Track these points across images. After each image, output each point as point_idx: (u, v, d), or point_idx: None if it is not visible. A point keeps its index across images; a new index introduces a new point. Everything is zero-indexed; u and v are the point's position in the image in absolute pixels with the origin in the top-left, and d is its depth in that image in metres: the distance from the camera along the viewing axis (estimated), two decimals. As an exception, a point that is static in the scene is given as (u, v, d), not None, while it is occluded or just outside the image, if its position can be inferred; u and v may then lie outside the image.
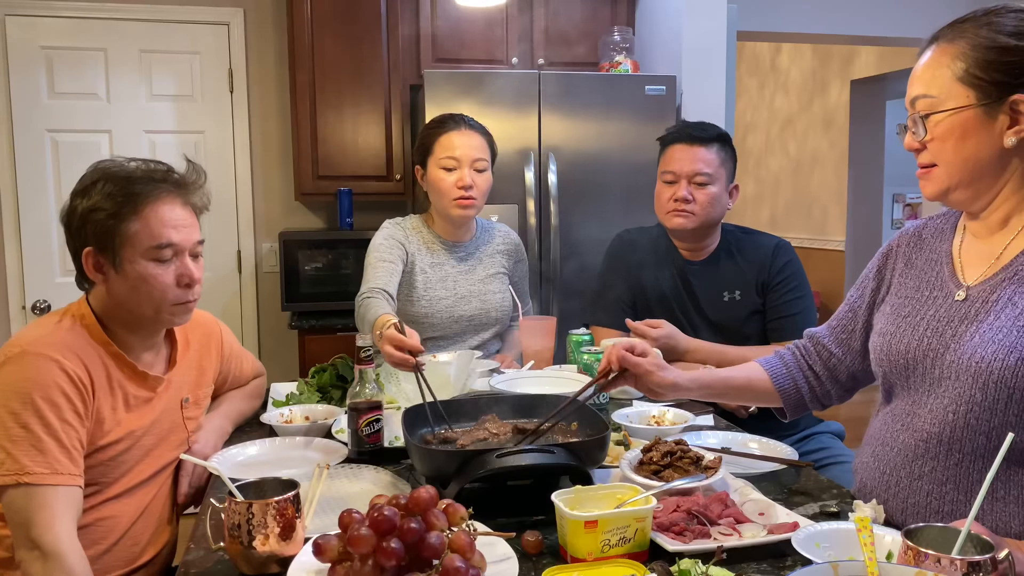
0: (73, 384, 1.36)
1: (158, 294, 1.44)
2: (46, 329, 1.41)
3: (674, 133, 2.22)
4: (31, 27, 3.50)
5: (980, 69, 1.17)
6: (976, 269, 1.27)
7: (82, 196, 1.43)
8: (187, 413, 1.61)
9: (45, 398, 1.33)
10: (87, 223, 1.41)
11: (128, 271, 1.42)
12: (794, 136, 7.16)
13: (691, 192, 2.14)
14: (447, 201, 2.19)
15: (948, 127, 1.20)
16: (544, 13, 3.62)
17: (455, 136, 2.18)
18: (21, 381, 1.33)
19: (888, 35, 4.37)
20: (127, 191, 1.41)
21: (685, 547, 1.12)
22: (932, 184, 1.25)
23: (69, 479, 1.33)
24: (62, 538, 1.29)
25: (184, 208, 1.48)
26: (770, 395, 1.58)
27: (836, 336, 1.52)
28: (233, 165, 3.77)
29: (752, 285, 2.19)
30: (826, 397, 1.55)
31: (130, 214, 1.40)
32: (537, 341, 2.13)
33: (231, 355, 1.80)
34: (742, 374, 1.60)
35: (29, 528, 1.28)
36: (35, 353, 1.35)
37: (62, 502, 1.31)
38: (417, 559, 0.99)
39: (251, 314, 3.85)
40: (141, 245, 1.42)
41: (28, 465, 1.29)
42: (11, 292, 3.57)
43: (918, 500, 1.25)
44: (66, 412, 1.34)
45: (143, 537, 1.53)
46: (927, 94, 1.21)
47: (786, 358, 1.58)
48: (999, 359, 1.15)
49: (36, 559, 1.27)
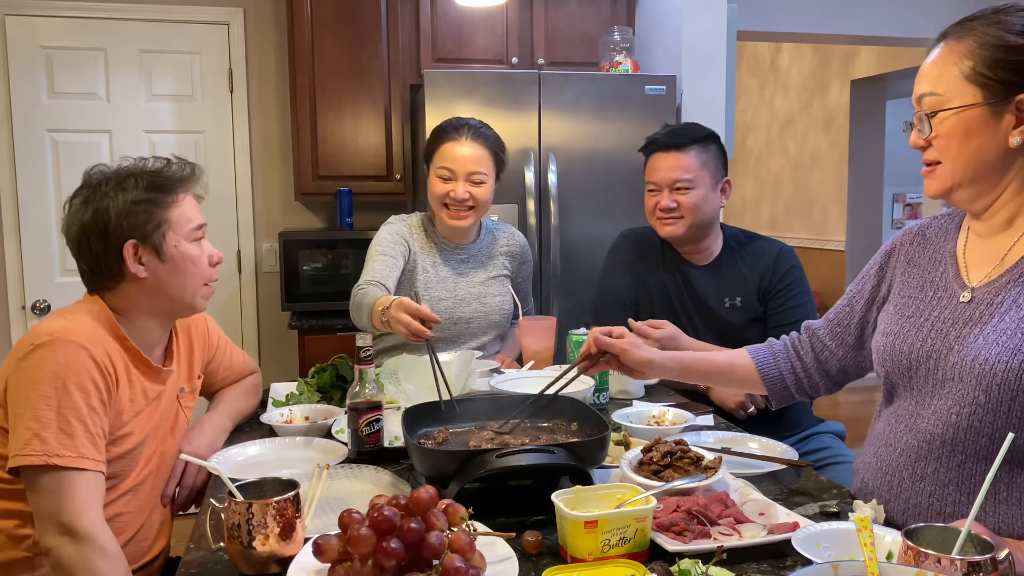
0: (101, 373, 1.39)
1: (200, 272, 1.55)
2: (70, 320, 1.43)
3: (651, 143, 2.22)
4: (31, 27, 3.50)
5: (987, 67, 1.16)
6: (981, 270, 1.26)
7: (109, 196, 1.46)
8: (184, 403, 1.65)
9: (76, 384, 1.35)
10: (129, 216, 1.46)
11: (174, 255, 1.50)
12: (794, 136, 7.16)
13: (674, 200, 2.15)
14: (440, 209, 2.21)
15: (953, 125, 1.20)
16: (544, 13, 3.62)
17: (455, 147, 2.18)
18: (53, 366, 1.35)
19: (888, 35, 4.37)
20: (159, 182, 1.50)
21: (685, 547, 1.12)
22: (936, 182, 1.25)
23: (95, 464, 1.35)
24: (95, 521, 1.31)
25: (193, 196, 1.57)
26: (753, 382, 1.58)
27: (831, 329, 1.52)
28: (233, 165, 3.77)
29: (754, 292, 2.18)
30: (813, 389, 1.55)
31: (171, 202, 1.51)
32: (537, 341, 2.13)
33: (219, 344, 1.82)
34: (725, 358, 1.61)
35: (59, 512, 1.29)
36: (66, 341, 1.37)
37: (89, 487, 1.33)
38: (417, 559, 0.99)
39: (251, 314, 3.85)
40: (183, 228, 1.52)
41: (56, 447, 1.31)
42: (11, 292, 3.57)
43: (920, 501, 1.25)
44: (93, 399, 1.37)
45: (150, 533, 1.55)
46: (933, 91, 1.21)
47: (775, 347, 1.59)
48: (1003, 361, 1.15)
49: (68, 543, 1.28)
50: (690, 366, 1.61)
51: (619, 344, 1.54)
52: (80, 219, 1.47)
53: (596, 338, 1.56)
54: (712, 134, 2.21)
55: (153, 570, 1.56)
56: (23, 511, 1.40)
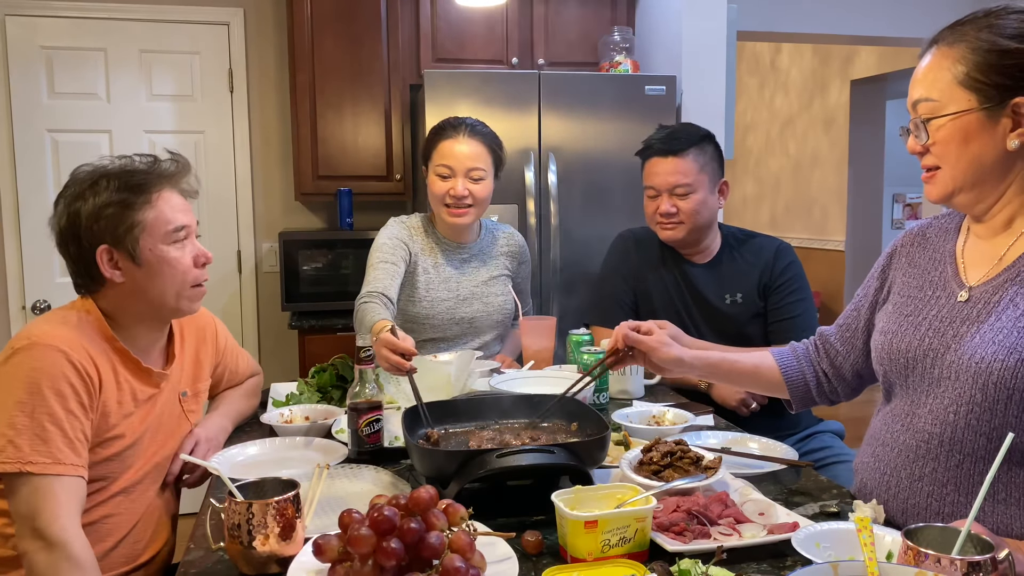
0: (80, 376, 1.37)
1: (180, 276, 1.50)
2: (54, 323, 1.42)
3: (649, 146, 2.21)
4: (31, 27, 3.50)
5: (981, 72, 1.16)
6: (979, 270, 1.27)
7: (83, 198, 1.44)
8: (186, 406, 1.63)
9: (52, 388, 1.34)
10: (99, 220, 1.43)
11: (149, 259, 1.46)
12: (794, 136, 7.16)
13: (674, 204, 2.15)
14: (440, 207, 2.20)
15: (950, 131, 1.20)
16: (544, 13, 3.62)
17: (452, 144, 2.18)
18: (29, 371, 1.34)
19: (888, 35, 4.37)
20: (132, 183, 1.45)
21: (685, 547, 1.12)
22: (937, 188, 1.25)
23: (72, 469, 1.34)
24: (67, 528, 1.29)
25: (180, 194, 1.53)
26: (776, 385, 1.57)
27: (841, 334, 1.52)
28: (233, 165, 3.76)
29: (754, 287, 2.19)
30: (833, 394, 1.55)
31: (143, 203, 1.45)
32: (537, 341, 2.13)
33: (227, 349, 1.81)
34: (750, 360, 1.60)
35: (34, 518, 1.29)
36: (44, 344, 1.36)
37: (66, 492, 1.32)
38: (417, 559, 0.99)
39: (251, 314, 3.85)
40: (158, 231, 1.47)
41: (30, 454, 1.30)
42: (11, 292, 3.57)
43: (918, 501, 1.25)
44: (71, 403, 1.36)
45: (145, 535, 1.54)
46: (928, 97, 1.21)
47: (799, 351, 1.59)
48: (999, 360, 1.15)
49: (40, 549, 1.27)
50: (717, 366, 1.59)
51: (648, 341, 1.52)
52: (59, 223, 1.46)
53: (625, 334, 1.53)
54: (708, 135, 2.21)
55: (152, 570, 1.56)
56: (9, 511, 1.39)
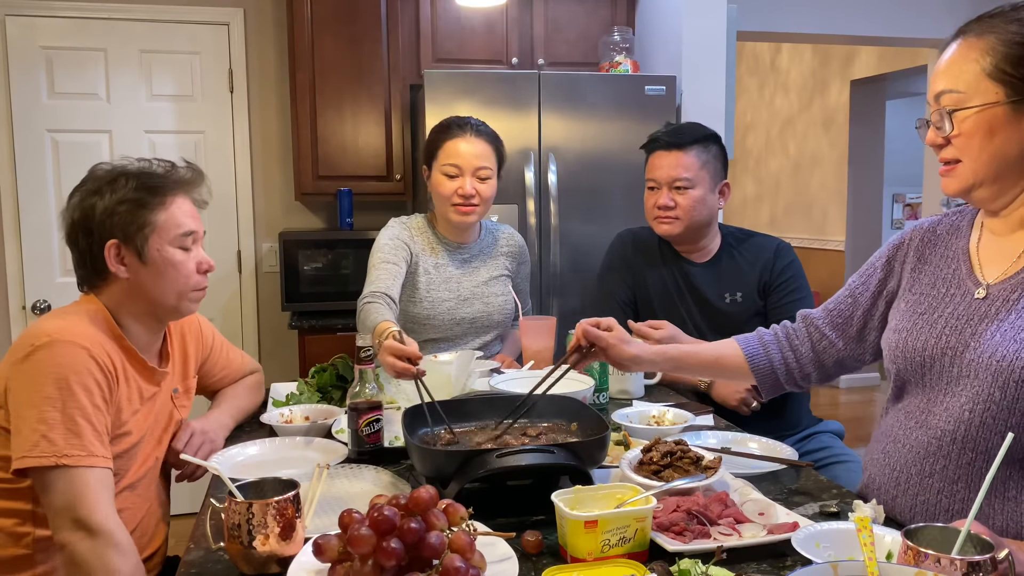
0: (102, 371, 1.40)
1: (183, 280, 1.52)
2: (68, 320, 1.44)
3: (653, 140, 2.22)
4: (31, 27, 3.50)
5: (1010, 65, 1.15)
6: (996, 267, 1.26)
7: (99, 194, 1.47)
8: (178, 402, 1.65)
9: (79, 383, 1.36)
10: (113, 215, 1.46)
11: (155, 259, 1.49)
12: (794, 136, 7.16)
13: (673, 198, 2.15)
14: (447, 206, 2.20)
15: (976, 123, 1.18)
16: (544, 13, 3.62)
17: (460, 143, 2.18)
18: (55, 367, 1.35)
19: (888, 35, 4.37)
20: (149, 184, 1.49)
21: (685, 547, 1.12)
22: (956, 181, 1.24)
23: (103, 461, 1.36)
24: (109, 516, 1.32)
25: (192, 202, 1.57)
26: (742, 373, 1.57)
27: (832, 319, 1.50)
28: (233, 165, 3.77)
29: (754, 287, 2.19)
30: (804, 379, 1.54)
31: (157, 205, 1.49)
32: (537, 341, 2.13)
33: (214, 343, 1.82)
34: (712, 350, 1.60)
35: (74, 509, 1.30)
36: (65, 341, 1.38)
37: (100, 483, 1.34)
38: (417, 559, 0.99)
39: (251, 314, 3.85)
40: (168, 233, 1.50)
41: (65, 447, 1.32)
42: (11, 292, 3.57)
43: (928, 498, 1.25)
44: (97, 398, 1.38)
45: (148, 529, 1.56)
46: (953, 89, 1.20)
47: (765, 338, 1.58)
48: (1021, 357, 1.15)
49: (83, 539, 1.29)
50: (678, 359, 1.59)
51: (606, 338, 1.52)
52: (72, 215, 1.49)
53: (585, 330, 1.53)
54: (714, 135, 2.21)
55: (151, 567, 1.57)
56: (22, 509, 1.41)
